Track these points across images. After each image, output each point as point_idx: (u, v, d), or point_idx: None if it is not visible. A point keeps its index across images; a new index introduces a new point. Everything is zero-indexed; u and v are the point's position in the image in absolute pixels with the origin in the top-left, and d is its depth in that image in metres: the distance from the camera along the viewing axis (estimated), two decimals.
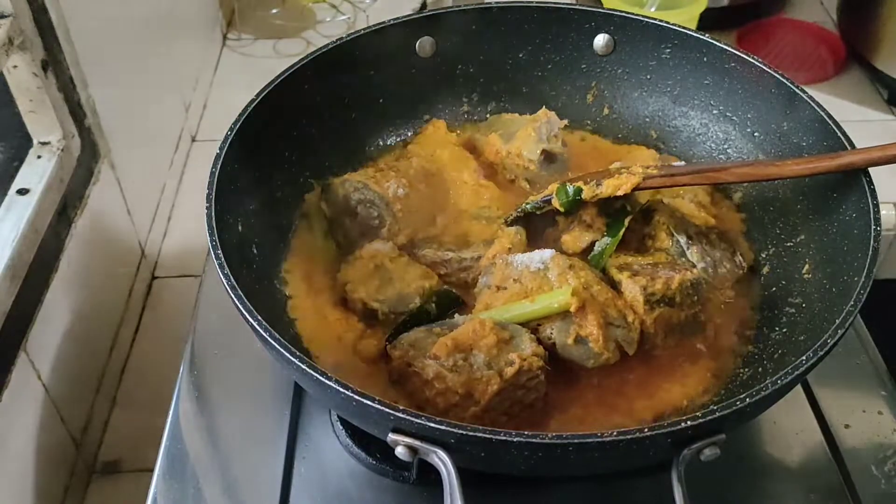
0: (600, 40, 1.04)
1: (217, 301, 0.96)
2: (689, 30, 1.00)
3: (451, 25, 1.03)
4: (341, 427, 0.84)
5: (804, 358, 0.67)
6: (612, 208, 0.92)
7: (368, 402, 0.63)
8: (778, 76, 0.93)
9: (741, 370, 0.83)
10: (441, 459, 0.63)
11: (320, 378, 0.65)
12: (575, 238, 0.91)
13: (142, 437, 1.08)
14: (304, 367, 0.66)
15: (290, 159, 0.96)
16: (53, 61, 1.02)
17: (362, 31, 0.99)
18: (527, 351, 0.78)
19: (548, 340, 0.81)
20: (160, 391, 0.96)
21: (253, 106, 0.89)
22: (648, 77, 1.04)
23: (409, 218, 0.94)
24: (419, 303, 0.86)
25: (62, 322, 1.03)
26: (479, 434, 0.61)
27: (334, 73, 0.98)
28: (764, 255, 0.92)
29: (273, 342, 0.67)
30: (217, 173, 0.82)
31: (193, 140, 1.50)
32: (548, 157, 1.01)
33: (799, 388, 0.88)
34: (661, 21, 1.01)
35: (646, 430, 0.62)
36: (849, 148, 0.84)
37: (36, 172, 1.01)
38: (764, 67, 0.94)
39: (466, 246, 0.91)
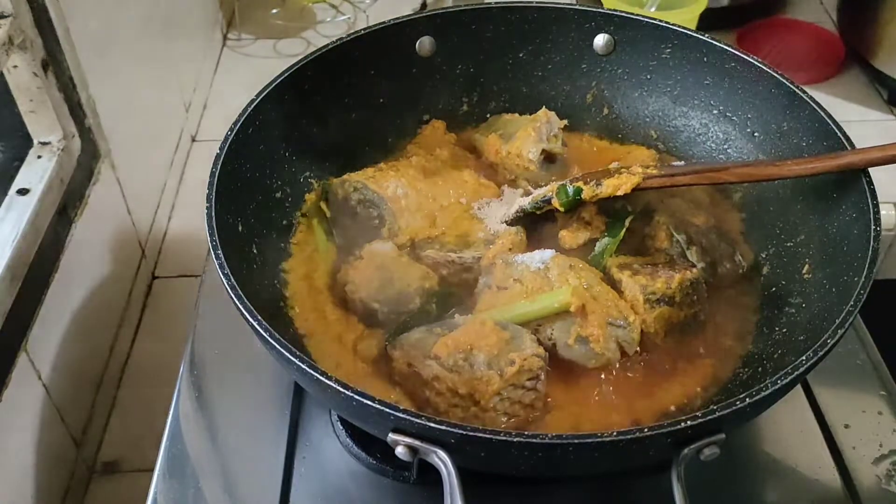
0: (600, 40, 1.04)
1: (217, 301, 0.96)
2: (689, 30, 1.00)
3: (451, 25, 1.03)
4: (341, 427, 0.84)
5: (804, 358, 0.67)
6: (612, 208, 0.92)
7: (368, 402, 0.63)
8: (778, 76, 0.93)
9: (741, 370, 0.83)
10: (441, 459, 0.63)
11: (320, 378, 0.65)
12: (573, 234, 0.91)
13: (142, 437, 1.08)
14: (304, 367, 0.66)
15: (290, 159, 0.96)
16: (53, 61, 1.02)
17: (362, 31, 0.99)
18: (527, 351, 0.77)
19: (548, 340, 0.81)
20: (160, 391, 0.96)
21: (253, 106, 0.89)
22: (648, 77, 1.04)
23: (409, 218, 0.94)
24: (419, 303, 0.86)
25: (62, 322, 1.03)
26: (479, 434, 0.61)
27: (334, 73, 0.98)
28: (764, 255, 0.92)
29: (273, 342, 0.67)
30: (217, 173, 0.82)
31: (193, 140, 1.50)
32: (548, 157, 1.01)
33: (799, 388, 0.88)
34: (661, 21, 1.01)
35: (646, 430, 0.62)
36: (849, 148, 0.84)
37: (36, 172, 1.01)
38: (764, 67, 0.94)
39: (467, 246, 0.91)
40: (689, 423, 0.62)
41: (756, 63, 0.95)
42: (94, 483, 1.08)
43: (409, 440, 0.63)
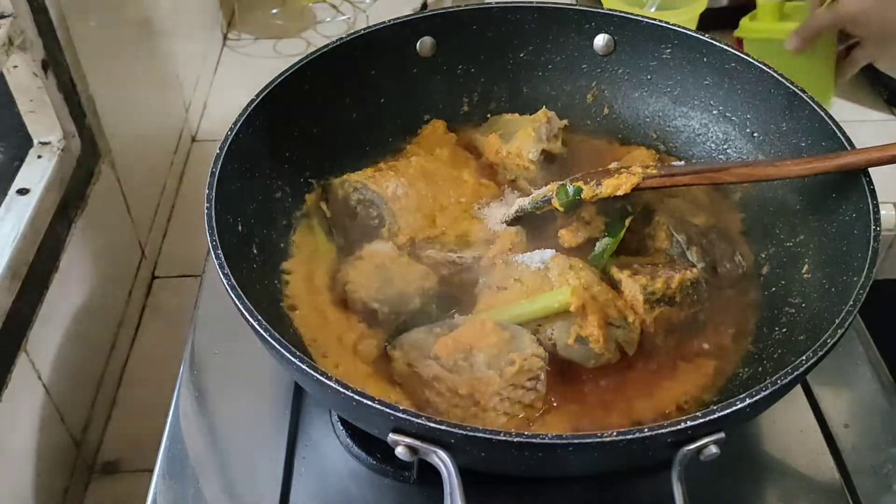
0: (600, 40, 1.04)
1: (217, 301, 0.96)
2: (689, 30, 1.00)
3: (451, 25, 1.03)
4: (341, 427, 0.84)
5: (804, 358, 0.67)
6: (612, 208, 0.92)
7: (368, 402, 0.63)
8: (778, 76, 0.93)
9: (741, 370, 0.83)
10: (441, 459, 0.63)
11: (320, 378, 0.65)
12: (572, 233, 0.91)
13: (142, 437, 1.08)
14: (304, 367, 0.66)
15: (290, 159, 0.96)
16: (53, 61, 1.02)
17: (362, 31, 0.99)
18: (527, 351, 0.78)
19: (548, 341, 0.81)
20: (160, 391, 0.96)
21: (253, 106, 0.89)
22: (648, 77, 1.04)
23: (409, 218, 0.94)
24: (419, 303, 0.86)
25: (62, 322, 1.03)
26: (480, 434, 0.61)
27: (334, 74, 0.98)
28: (764, 255, 0.92)
29: (273, 342, 0.67)
30: (217, 173, 0.82)
31: (193, 140, 1.50)
32: (548, 157, 1.01)
33: (799, 388, 0.88)
34: (661, 21, 1.01)
35: (646, 429, 0.62)
36: (848, 148, 0.84)
37: (36, 172, 1.01)
38: (764, 67, 0.94)
39: (467, 246, 0.92)
40: (689, 423, 0.62)
41: (756, 63, 0.95)
42: (94, 483, 1.08)
43: (409, 440, 0.63)
